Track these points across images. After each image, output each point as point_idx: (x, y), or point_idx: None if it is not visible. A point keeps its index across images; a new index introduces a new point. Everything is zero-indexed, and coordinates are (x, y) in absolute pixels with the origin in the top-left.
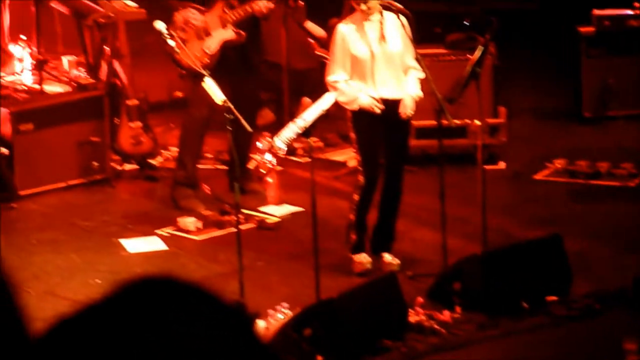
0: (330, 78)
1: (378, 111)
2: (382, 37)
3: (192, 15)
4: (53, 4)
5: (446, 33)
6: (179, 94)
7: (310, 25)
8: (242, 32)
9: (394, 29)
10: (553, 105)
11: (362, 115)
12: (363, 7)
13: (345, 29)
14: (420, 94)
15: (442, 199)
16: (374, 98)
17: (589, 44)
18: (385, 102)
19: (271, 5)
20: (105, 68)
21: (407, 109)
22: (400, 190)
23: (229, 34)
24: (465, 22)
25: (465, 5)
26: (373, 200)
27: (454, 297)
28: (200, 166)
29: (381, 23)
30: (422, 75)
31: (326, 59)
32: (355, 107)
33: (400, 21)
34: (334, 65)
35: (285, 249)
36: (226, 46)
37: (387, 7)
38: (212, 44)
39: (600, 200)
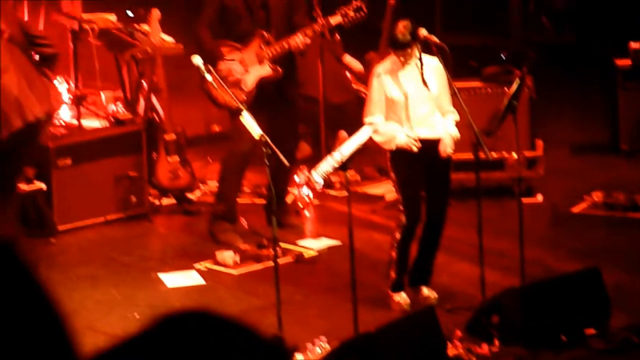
0: (367, 119)
1: (415, 150)
2: (424, 82)
3: (234, 67)
4: (91, 40)
5: (483, 66)
6: (217, 128)
7: (348, 60)
8: (279, 68)
9: (431, 73)
10: (590, 137)
11: (401, 155)
12: (401, 57)
13: (381, 71)
14: (458, 135)
15: (479, 232)
16: (410, 137)
17: (626, 77)
18: (422, 141)
19: (307, 41)
20: (143, 103)
21: (447, 147)
22: (442, 226)
23: (265, 70)
24: (502, 55)
25: (501, 38)
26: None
27: (493, 331)
28: (238, 200)
29: (417, 66)
30: (458, 118)
31: (364, 93)
32: (392, 146)
33: (439, 62)
34: (371, 107)
35: (323, 283)
36: (263, 82)
37: (424, 43)
38: (249, 80)
39: (638, 233)
